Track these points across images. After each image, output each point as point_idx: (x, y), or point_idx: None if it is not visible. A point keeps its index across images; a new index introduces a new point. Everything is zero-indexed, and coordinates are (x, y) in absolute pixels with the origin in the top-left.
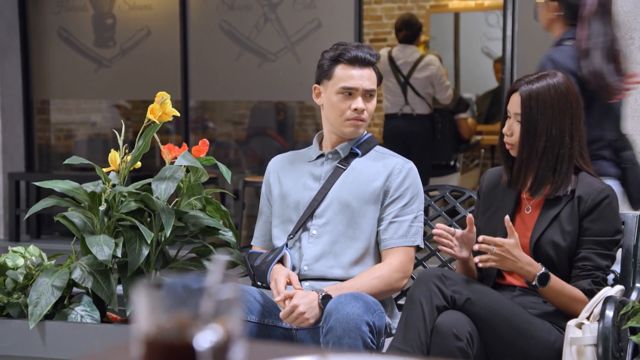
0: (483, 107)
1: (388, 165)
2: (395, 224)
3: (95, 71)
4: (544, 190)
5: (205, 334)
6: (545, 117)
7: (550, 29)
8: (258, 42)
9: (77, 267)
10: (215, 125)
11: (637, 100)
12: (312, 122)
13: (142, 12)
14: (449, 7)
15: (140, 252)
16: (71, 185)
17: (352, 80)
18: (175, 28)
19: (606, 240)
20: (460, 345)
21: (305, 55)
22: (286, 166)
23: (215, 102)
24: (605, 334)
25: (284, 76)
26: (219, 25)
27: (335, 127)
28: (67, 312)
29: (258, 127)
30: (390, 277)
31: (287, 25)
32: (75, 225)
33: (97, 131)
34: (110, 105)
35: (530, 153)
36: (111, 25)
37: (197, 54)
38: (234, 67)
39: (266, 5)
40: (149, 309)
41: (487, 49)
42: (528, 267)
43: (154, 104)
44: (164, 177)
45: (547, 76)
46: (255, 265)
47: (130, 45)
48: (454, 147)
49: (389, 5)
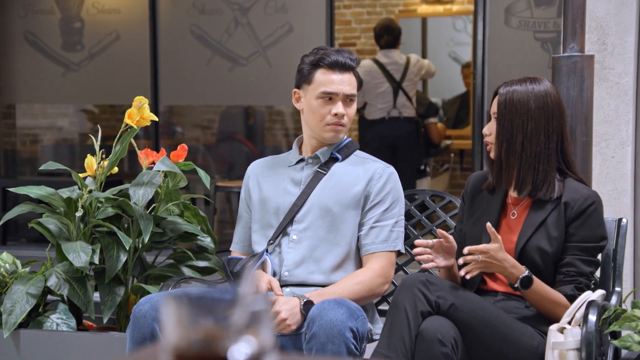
0: (451, 112)
1: (368, 170)
2: (376, 228)
3: (63, 75)
4: (529, 188)
5: (240, 346)
6: (521, 114)
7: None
8: (229, 46)
9: (52, 274)
10: (184, 130)
11: (609, 105)
12: (281, 126)
13: (111, 16)
14: (418, 12)
15: (118, 259)
16: (46, 191)
17: (333, 85)
18: (145, 32)
19: (591, 247)
20: (445, 351)
21: (276, 59)
22: (266, 171)
23: (183, 107)
24: (589, 339)
25: (255, 81)
26: (190, 30)
27: (315, 132)
28: (42, 320)
29: (227, 132)
30: (371, 282)
31: (258, 29)
32: (50, 231)
33: (64, 136)
34: (77, 110)
35: (509, 150)
36: (79, 28)
37: (167, 59)
38: (204, 71)
39: (237, 10)
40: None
41: (454, 54)
42: (512, 270)
43: (131, 108)
44: (141, 182)
45: (529, 80)
46: (234, 271)
47: (99, 49)
48: (424, 151)
49: (358, 10)
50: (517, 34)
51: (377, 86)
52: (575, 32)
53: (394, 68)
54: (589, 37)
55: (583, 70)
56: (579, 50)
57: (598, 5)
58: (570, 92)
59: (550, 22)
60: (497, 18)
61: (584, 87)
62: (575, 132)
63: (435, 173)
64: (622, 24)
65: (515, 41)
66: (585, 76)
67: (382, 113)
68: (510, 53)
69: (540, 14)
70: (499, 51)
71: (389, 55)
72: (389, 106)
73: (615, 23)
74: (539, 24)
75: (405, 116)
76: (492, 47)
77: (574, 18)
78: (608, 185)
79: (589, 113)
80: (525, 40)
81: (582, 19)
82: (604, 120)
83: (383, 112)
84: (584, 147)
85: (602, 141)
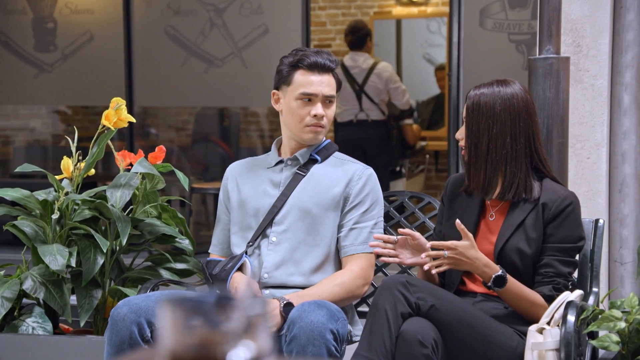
0: (425, 113)
1: (348, 172)
2: (356, 230)
3: (36, 76)
4: (494, 191)
5: (238, 350)
6: (487, 117)
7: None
8: (204, 47)
9: (28, 278)
10: (158, 131)
11: (584, 107)
12: (256, 127)
13: (85, 16)
14: (393, 14)
15: (95, 262)
16: (22, 193)
17: (312, 87)
18: (119, 33)
19: (569, 247)
20: (426, 352)
21: (252, 60)
22: (244, 172)
23: (157, 108)
24: (568, 339)
25: (231, 82)
26: (164, 30)
27: (295, 133)
28: (17, 324)
29: (201, 134)
30: (351, 283)
31: (234, 30)
32: (26, 234)
33: (36, 137)
34: (50, 111)
35: (477, 153)
36: (52, 29)
37: (142, 60)
38: (179, 72)
39: (212, 11)
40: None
41: (428, 56)
42: (485, 268)
43: (109, 110)
44: (119, 184)
45: (497, 82)
46: (214, 273)
47: (72, 49)
48: (400, 153)
49: (333, 12)
50: (492, 35)
51: (343, 89)
52: (551, 33)
53: (356, 72)
54: (564, 39)
55: (559, 71)
56: (554, 52)
57: (572, 7)
58: (546, 94)
59: (525, 24)
60: (472, 20)
61: (560, 88)
62: (551, 134)
63: (411, 174)
64: (596, 25)
65: (490, 43)
66: (561, 78)
67: (350, 116)
68: (485, 55)
69: (515, 16)
70: (474, 53)
71: (354, 58)
72: (356, 109)
73: (590, 25)
74: (514, 25)
75: (373, 119)
76: (467, 49)
77: (550, 20)
78: (583, 186)
79: (564, 114)
80: (500, 42)
81: (557, 21)
82: (579, 121)
83: (350, 114)
84: (560, 149)
85: (577, 142)
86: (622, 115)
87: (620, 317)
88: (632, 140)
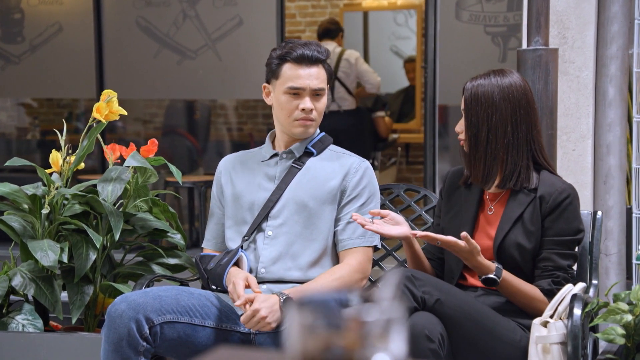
0: (395, 105)
1: (344, 165)
2: (353, 224)
3: (2, 68)
4: (494, 180)
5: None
6: (486, 107)
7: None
8: (177, 39)
9: (17, 274)
10: (124, 124)
11: (570, 99)
12: (224, 120)
13: (53, 7)
14: (362, 6)
15: (87, 257)
16: (10, 188)
17: (299, 80)
18: (89, 24)
19: (567, 240)
20: (433, 347)
21: (226, 53)
22: (238, 166)
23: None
24: (575, 332)
25: (204, 74)
26: (136, 22)
27: (285, 127)
28: (7, 322)
29: (170, 126)
30: (350, 278)
31: (207, 22)
32: (14, 229)
33: (2, 130)
34: (16, 104)
35: (476, 143)
36: (19, 20)
37: (113, 51)
38: (152, 64)
39: (185, 2)
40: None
41: (395, 48)
42: (481, 267)
43: (100, 102)
44: (110, 178)
45: (494, 73)
46: (209, 268)
47: (41, 41)
48: (372, 145)
49: (303, 4)
50: (468, 28)
51: None
52: (539, 25)
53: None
54: (549, 31)
55: (548, 63)
56: (543, 43)
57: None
58: (535, 86)
59: (500, 16)
60: (447, 12)
61: (548, 80)
62: (541, 125)
63: (383, 167)
64: (581, 17)
65: (465, 35)
66: (550, 69)
67: None
68: (461, 47)
69: (491, 8)
70: (450, 45)
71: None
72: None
73: (575, 17)
74: (489, 18)
75: (345, 109)
76: (443, 41)
77: (539, 11)
78: (569, 178)
79: (553, 106)
80: (475, 34)
81: (546, 13)
82: (564, 113)
83: None
84: (549, 140)
85: (563, 134)
86: (607, 107)
87: (627, 309)
88: (616, 132)
